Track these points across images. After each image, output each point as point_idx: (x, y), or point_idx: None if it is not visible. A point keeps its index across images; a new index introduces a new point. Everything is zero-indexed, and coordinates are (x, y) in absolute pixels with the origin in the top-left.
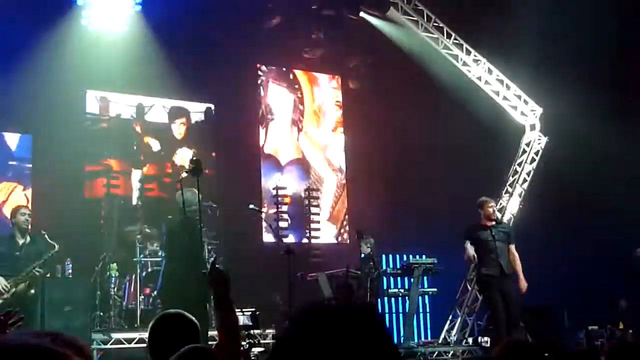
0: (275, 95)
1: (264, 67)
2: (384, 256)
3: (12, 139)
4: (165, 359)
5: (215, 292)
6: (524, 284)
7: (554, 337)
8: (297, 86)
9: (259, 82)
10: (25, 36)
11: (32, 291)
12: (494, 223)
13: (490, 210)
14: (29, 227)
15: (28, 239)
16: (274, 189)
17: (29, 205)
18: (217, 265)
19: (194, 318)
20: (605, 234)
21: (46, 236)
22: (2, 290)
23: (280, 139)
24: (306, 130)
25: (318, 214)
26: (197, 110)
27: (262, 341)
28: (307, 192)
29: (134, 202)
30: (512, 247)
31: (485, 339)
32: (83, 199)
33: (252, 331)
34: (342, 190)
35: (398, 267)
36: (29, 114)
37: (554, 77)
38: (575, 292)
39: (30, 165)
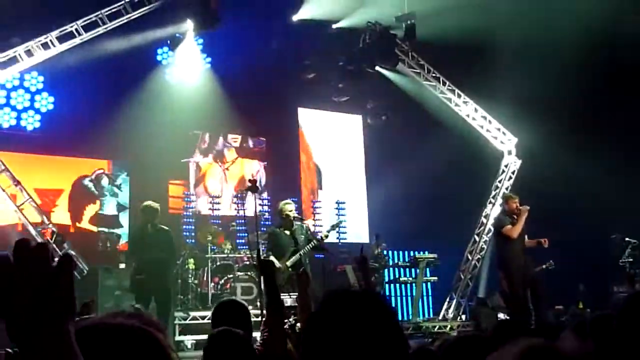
0: (308, 129)
1: (302, 109)
2: (396, 252)
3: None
4: None
5: (264, 275)
6: None
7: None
8: (325, 122)
9: (299, 120)
10: (124, 89)
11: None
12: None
13: (514, 205)
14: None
15: (156, 228)
16: (313, 201)
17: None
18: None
19: (244, 302)
20: (569, 234)
21: (160, 225)
22: None
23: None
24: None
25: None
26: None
27: None
28: (336, 203)
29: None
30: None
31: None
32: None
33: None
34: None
35: (407, 260)
36: (127, 148)
37: (528, 112)
38: (544, 279)
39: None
